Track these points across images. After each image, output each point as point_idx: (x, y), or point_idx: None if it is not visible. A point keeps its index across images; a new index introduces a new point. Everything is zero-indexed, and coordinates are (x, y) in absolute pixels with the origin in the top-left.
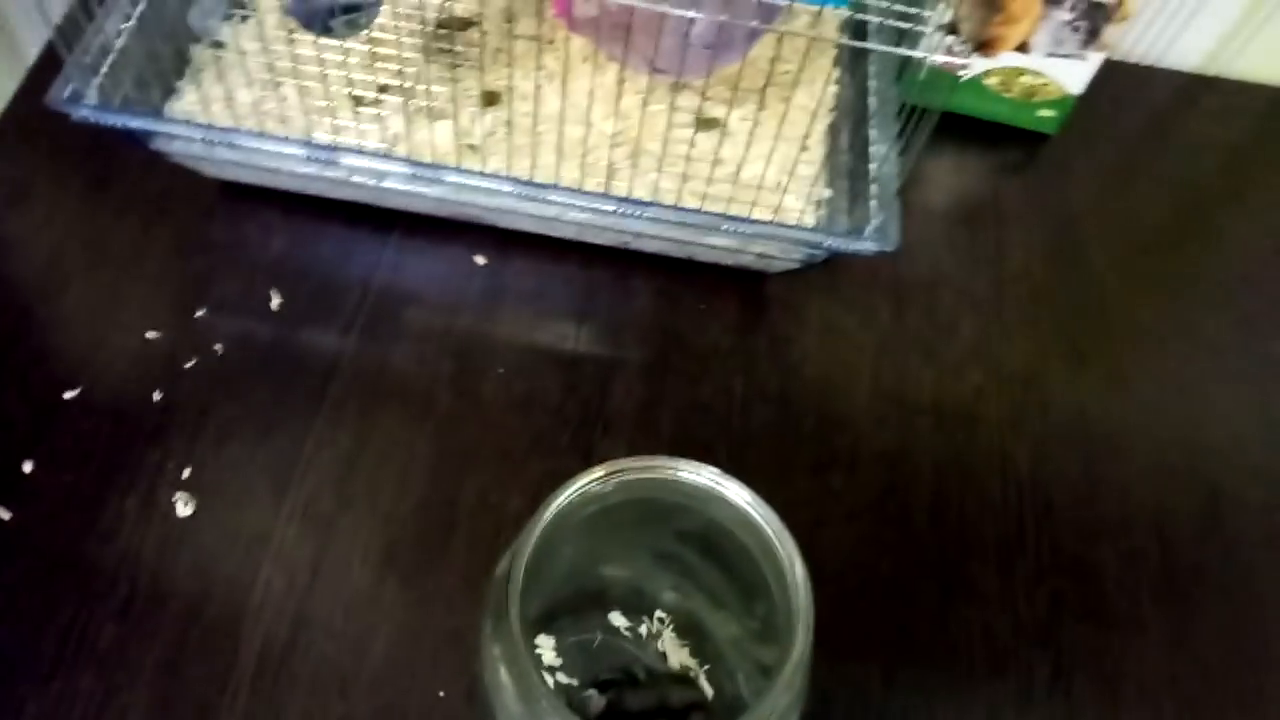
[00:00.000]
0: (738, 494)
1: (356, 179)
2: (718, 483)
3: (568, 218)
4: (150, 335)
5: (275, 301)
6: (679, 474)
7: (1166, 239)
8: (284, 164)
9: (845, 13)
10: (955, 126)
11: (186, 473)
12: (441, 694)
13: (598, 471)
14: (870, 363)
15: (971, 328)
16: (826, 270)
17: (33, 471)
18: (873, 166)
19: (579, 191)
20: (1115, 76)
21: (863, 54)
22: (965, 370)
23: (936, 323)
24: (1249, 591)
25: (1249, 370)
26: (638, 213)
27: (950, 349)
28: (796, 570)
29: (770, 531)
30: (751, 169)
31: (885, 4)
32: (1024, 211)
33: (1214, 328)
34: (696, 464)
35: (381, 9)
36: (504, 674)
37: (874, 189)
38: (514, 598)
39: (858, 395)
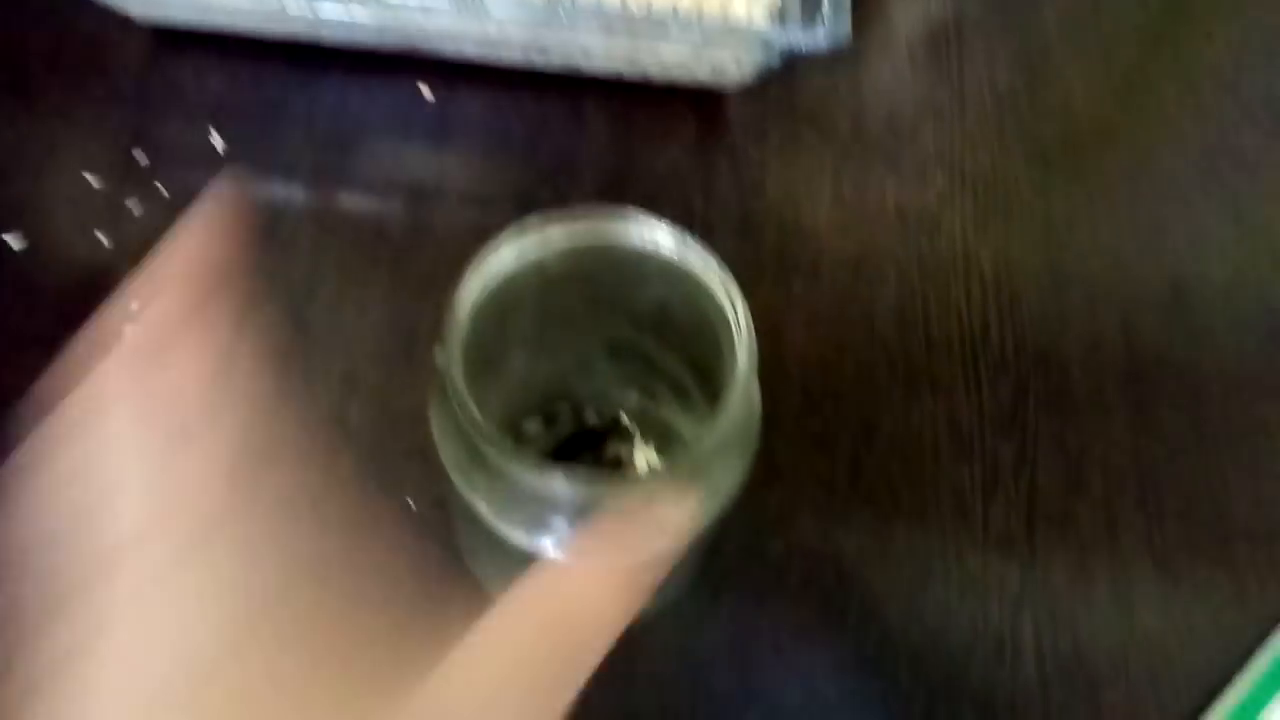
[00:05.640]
0: (666, 239)
1: (291, 8)
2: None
3: (512, 37)
4: (92, 180)
5: (218, 144)
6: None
7: (1138, 43)
8: None
9: None
10: None
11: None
12: (411, 504)
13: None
14: (831, 172)
15: (934, 135)
16: (785, 89)
17: None
18: None
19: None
20: None
21: None
22: (928, 175)
23: (897, 131)
24: (1212, 370)
25: (1220, 168)
26: (583, 20)
27: (912, 156)
28: (733, 292)
29: (698, 265)
30: None
31: None
32: (986, 21)
33: (1186, 128)
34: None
35: None
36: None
37: None
38: (454, 340)
39: (819, 205)
